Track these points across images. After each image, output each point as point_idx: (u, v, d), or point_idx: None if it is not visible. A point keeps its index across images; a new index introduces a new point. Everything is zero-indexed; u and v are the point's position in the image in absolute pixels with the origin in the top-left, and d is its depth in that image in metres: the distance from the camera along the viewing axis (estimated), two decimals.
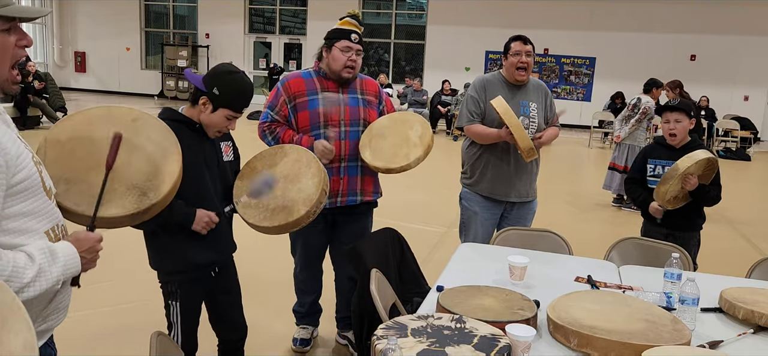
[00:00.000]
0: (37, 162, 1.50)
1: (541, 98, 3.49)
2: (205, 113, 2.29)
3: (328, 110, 2.96)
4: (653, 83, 7.32)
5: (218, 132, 2.35)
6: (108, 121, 1.86)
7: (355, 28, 3.01)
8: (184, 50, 18.86)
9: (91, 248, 1.56)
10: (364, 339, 2.55)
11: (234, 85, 2.28)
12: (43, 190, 1.49)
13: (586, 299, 2.11)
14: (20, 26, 1.47)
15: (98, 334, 3.44)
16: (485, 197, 3.49)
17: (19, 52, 1.46)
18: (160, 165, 1.81)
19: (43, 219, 1.48)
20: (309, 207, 2.33)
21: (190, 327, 2.46)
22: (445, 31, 17.26)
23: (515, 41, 3.39)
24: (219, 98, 2.25)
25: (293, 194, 2.38)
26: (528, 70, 3.41)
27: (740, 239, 6.33)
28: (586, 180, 10.12)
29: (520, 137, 3.12)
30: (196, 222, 2.26)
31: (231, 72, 2.31)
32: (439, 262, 3.95)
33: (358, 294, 2.67)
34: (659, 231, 3.36)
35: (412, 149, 2.87)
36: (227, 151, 2.49)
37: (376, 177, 3.16)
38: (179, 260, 2.35)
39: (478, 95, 3.43)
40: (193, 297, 2.45)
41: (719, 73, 15.34)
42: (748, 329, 2.07)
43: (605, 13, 16.12)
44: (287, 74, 3.14)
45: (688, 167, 3.09)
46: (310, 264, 3.29)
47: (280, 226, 2.34)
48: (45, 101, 11.56)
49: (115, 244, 3.25)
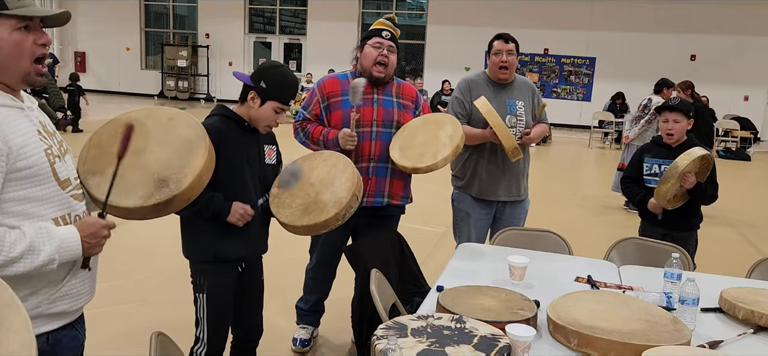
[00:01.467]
0: (52, 154, 1.60)
1: (529, 96, 3.48)
2: (254, 108, 2.38)
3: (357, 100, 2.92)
4: (664, 83, 7.23)
5: (268, 127, 2.44)
6: (149, 121, 1.95)
7: (387, 27, 3.01)
8: (184, 50, 18.87)
9: (95, 233, 1.62)
10: (364, 339, 2.55)
11: (279, 77, 2.40)
12: (55, 180, 1.59)
13: (586, 299, 2.11)
14: (39, 26, 1.56)
15: (98, 334, 3.44)
16: (476, 198, 3.48)
17: (39, 50, 1.56)
18: (187, 159, 1.88)
19: (51, 207, 1.57)
20: (338, 209, 2.37)
21: (218, 324, 2.44)
22: (445, 31, 17.27)
23: (497, 40, 3.38)
24: (266, 91, 2.36)
25: (325, 196, 2.43)
26: (510, 69, 3.39)
27: (740, 239, 6.33)
28: (592, 181, 10.13)
29: (504, 137, 3.10)
30: (231, 214, 2.31)
31: (276, 66, 2.45)
32: (439, 262, 3.95)
33: (358, 294, 2.67)
34: (657, 231, 3.36)
35: (441, 148, 2.82)
36: (271, 154, 2.55)
37: (407, 182, 3.13)
38: (208, 250, 2.38)
39: (463, 95, 3.42)
40: (221, 290, 2.43)
41: (719, 73, 15.34)
42: (748, 329, 2.07)
43: (605, 13, 16.12)
44: (324, 76, 3.17)
45: (687, 165, 3.09)
46: (326, 263, 3.29)
47: (309, 226, 2.38)
48: (45, 100, 11.56)
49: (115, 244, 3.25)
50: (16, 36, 1.51)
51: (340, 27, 18.07)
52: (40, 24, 1.57)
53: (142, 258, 4.58)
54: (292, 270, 3.83)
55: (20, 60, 1.53)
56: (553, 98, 16.84)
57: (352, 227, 3.16)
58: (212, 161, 1.98)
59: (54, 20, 1.61)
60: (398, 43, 3.07)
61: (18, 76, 1.54)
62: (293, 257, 3.92)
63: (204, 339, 2.42)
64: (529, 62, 17.14)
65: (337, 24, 18.08)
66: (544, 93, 16.71)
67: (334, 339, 3.52)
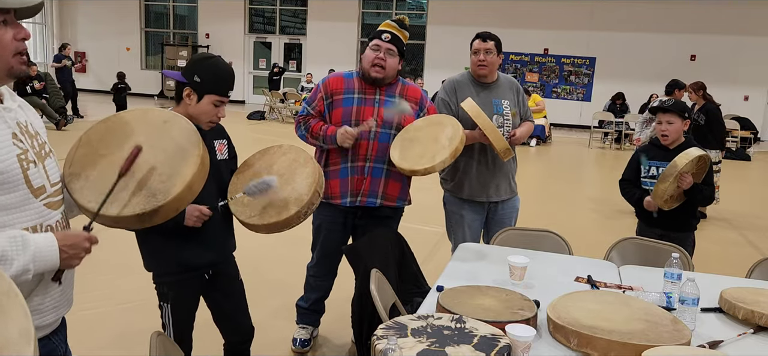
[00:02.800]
0: (27, 160, 1.50)
1: (514, 95, 3.47)
2: (191, 105, 2.27)
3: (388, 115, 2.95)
4: (675, 85, 7.09)
5: (210, 122, 2.33)
6: (142, 123, 1.87)
7: (389, 28, 3.00)
8: (184, 50, 18.87)
9: (75, 244, 1.52)
10: (364, 339, 2.55)
11: (213, 68, 2.30)
12: (28, 187, 1.49)
13: (586, 299, 2.11)
14: (14, 20, 1.48)
15: (98, 334, 3.44)
16: (466, 200, 3.47)
17: (18, 45, 1.48)
18: (177, 167, 1.78)
19: (21, 215, 1.47)
20: (299, 207, 2.29)
21: (183, 329, 2.44)
22: (445, 31, 17.27)
23: (476, 39, 3.36)
24: (201, 85, 2.26)
25: (285, 193, 2.35)
26: (490, 67, 3.36)
27: (740, 239, 6.32)
28: (592, 181, 10.12)
29: (495, 139, 3.06)
30: (187, 218, 2.23)
31: (208, 57, 2.35)
32: (439, 262, 3.95)
33: (358, 294, 2.67)
34: (654, 232, 3.36)
35: (439, 151, 2.80)
36: (221, 149, 2.46)
37: (404, 183, 3.12)
38: (170, 262, 2.34)
39: (449, 97, 3.40)
40: (185, 300, 2.42)
41: (719, 73, 15.33)
42: (748, 329, 2.07)
43: (605, 13, 16.12)
44: (330, 74, 3.17)
45: (685, 165, 3.10)
46: (325, 262, 3.29)
47: (270, 225, 2.30)
48: (45, 101, 11.56)
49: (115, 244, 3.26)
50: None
51: (340, 27, 18.08)
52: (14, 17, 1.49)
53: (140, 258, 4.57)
54: (292, 269, 3.83)
55: (1, 55, 1.46)
56: (553, 98, 16.84)
57: (351, 226, 3.16)
58: (205, 168, 1.88)
59: (25, 11, 1.52)
60: (403, 45, 3.04)
61: (1, 71, 1.47)
62: (293, 256, 3.93)
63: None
64: (529, 62, 17.14)
65: (337, 24, 18.09)
66: (544, 93, 16.71)
67: (334, 339, 3.52)
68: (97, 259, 1.94)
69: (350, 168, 3.00)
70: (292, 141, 3.17)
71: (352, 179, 3.01)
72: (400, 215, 3.25)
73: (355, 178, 2.99)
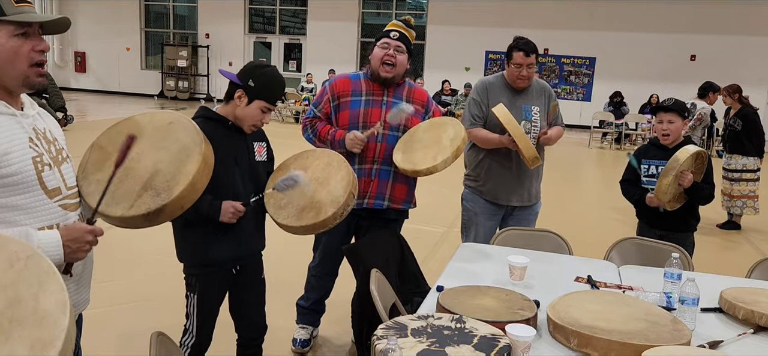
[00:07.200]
0: (42, 163, 1.57)
1: (544, 101, 3.46)
2: (240, 107, 2.36)
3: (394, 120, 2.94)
4: (709, 87, 6.81)
5: (253, 126, 2.42)
6: (150, 125, 1.94)
7: (396, 28, 3.00)
8: (184, 50, 18.87)
9: (78, 238, 1.58)
10: (364, 340, 2.55)
11: (268, 77, 2.38)
12: (42, 189, 1.56)
13: (586, 299, 2.11)
14: (37, 32, 1.56)
15: (98, 334, 3.44)
16: (488, 201, 3.48)
17: (37, 56, 1.55)
18: (180, 166, 1.84)
19: (36, 216, 1.55)
20: (336, 208, 2.37)
21: (205, 321, 2.50)
22: (445, 31, 17.27)
23: (518, 52, 3.30)
24: (254, 90, 2.34)
25: (322, 195, 2.42)
26: (529, 81, 3.38)
27: (740, 239, 6.32)
28: (592, 181, 10.12)
29: (525, 147, 3.09)
30: (223, 213, 2.31)
31: (265, 66, 2.43)
32: (439, 262, 3.95)
33: (358, 294, 2.67)
34: (654, 233, 3.36)
35: (441, 151, 2.82)
36: (260, 151, 2.54)
37: (411, 187, 3.12)
38: (200, 255, 2.41)
39: (480, 98, 3.41)
40: (211, 293, 2.49)
41: (719, 73, 15.27)
42: (748, 329, 2.07)
43: (605, 13, 16.12)
44: (336, 75, 3.17)
45: (685, 160, 3.11)
46: (327, 263, 3.29)
47: (307, 226, 2.38)
48: (45, 101, 11.56)
49: (116, 244, 3.27)
50: (14, 42, 1.51)
51: (340, 27, 18.08)
52: (38, 30, 1.56)
53: (142, 258, 4.58)
54: (292, 269, 3.83)
55: (17, 65, 1.52)
56: None
57: (354, 228, 3.16)
58: (208, 167, 1.93)
59: (52, 27, 1.59)
60: (411, 45, 3.04)
61: (17, 81, 1.54)
62: (294, 256, 3.93)
63: (192, 332, 2.49)
64: None
65: (337, 24, 18.09)
66: None
67: (334, 339, 3.52)
68: (98, 259, 1.94)
69: (358, 170, 2.99)
70: (294, 141, 3.18)
71: (360, 181, 3.00)
72: (404, 219, 3.25)
73: (362, 180, 2.98)
